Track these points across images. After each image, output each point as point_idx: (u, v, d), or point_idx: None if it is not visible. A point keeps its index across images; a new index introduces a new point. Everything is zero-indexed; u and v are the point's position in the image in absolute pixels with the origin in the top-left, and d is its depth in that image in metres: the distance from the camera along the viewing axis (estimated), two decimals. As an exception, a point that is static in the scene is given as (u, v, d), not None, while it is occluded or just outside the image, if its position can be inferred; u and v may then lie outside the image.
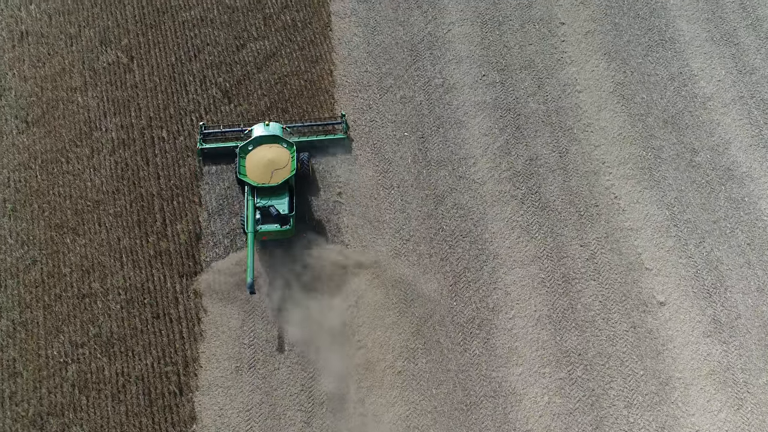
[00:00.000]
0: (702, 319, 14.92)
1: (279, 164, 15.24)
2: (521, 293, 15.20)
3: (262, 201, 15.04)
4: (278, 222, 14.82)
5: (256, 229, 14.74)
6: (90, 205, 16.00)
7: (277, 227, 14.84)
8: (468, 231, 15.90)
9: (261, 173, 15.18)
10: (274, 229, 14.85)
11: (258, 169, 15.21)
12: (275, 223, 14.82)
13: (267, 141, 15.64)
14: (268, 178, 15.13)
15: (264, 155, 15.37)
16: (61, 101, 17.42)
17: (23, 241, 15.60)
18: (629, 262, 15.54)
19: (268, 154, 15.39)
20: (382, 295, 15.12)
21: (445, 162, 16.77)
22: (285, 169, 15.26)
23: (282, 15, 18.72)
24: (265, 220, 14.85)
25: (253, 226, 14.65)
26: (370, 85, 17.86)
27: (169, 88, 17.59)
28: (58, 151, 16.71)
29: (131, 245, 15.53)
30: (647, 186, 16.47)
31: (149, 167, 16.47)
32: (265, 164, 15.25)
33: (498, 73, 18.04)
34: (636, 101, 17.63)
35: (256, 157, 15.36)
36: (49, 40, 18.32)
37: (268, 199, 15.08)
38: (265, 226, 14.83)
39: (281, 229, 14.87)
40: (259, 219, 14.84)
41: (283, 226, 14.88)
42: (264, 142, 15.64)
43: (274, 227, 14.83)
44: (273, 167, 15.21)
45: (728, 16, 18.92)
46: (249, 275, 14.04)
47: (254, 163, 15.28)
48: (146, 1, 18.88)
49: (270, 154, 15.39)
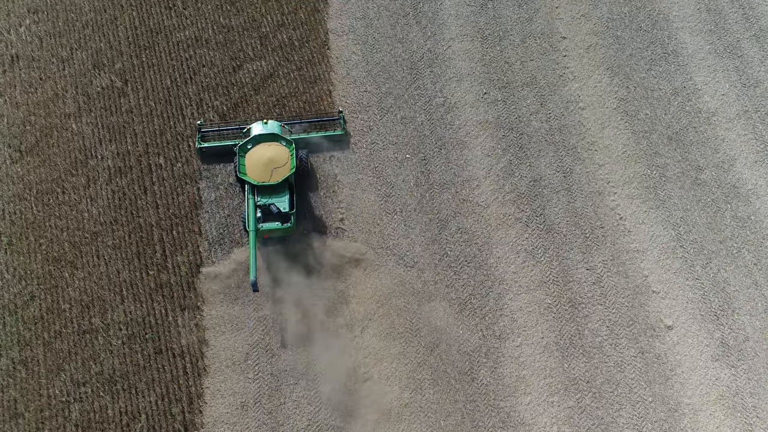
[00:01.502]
0: (710, 343, 14.81)
1: (278, 162, 15.30)
2: (528, 320, 15.04)
3: (263, 199, 15.13)
4: (279, 220, 14.95)
5: (258, 228, 14.83)
6: (88, 237, 15.70)
7: (278, 225, 14.97)
8: (473, 256, 15.70)
9: (261, 172, 15.23)
10: (275, 227, 14.98)
11: (258, 168, 15.26)
12: (276, 221, 14.95)
13: (266, 139, 15.69)
14: (268, 177, 15.19)
15: (263, 153, 15.42)
16: (55, 128, 17.06)
17: (21, 276, 15.31)
18: (636, 286, 15.40)
19: (267, 152, 15.43)
20: (387, 324, 14.95)
21: (448, 184, 16.53)
22: (285, 167, 15.33)
23: (278, 34, 18.35)
24: (266, 218, 14.98)
25: (254, 224, 14.77)
26: (370, 105, 17.55)
27: (165, 112, 17.24)
28: (54, 180, 16.38)
29: (131, 278, 15.26)
30: (653, 206, 16.29)
31: (147, 196, 16.17)
32: (265, 163, 15.30)
33: (500, 91, 17.77)
34: (640, 117, 17.40)
35: (256, 156, 15.40)
36: (40, 64, 17.91)
37: (268, 197, 15.18)
38: (266, 225, 14.95)
39: (282, 227, 15.02)
40: (260, 217, 14.94)
41: (284, 224, 15.02)
42: (263, 140, 15.67)
43: (275, 225, 14.97)
44: (273, 165, 15.28)
45: (731, 27, 18.67)
46: (252, 273, 14.15)
47: (254, 162, 15.34)
48: (139, 22, 18.47)
49: (269, 152, 15.43)
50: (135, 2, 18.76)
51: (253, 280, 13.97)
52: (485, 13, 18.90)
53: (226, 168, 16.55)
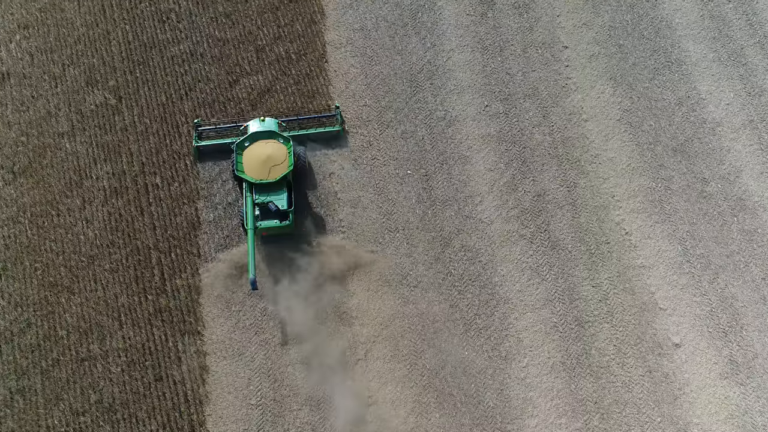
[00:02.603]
0: (718, 361, 14.62)
1: (276, 160, 15.25)
2: (534, 339, 14.82)
3: (261, 197, 15.05)
4: (278, 218, 14.90)
5: (256, 226, 14.79)
6: (84, 261, 15.39)
7: (277, 223, 14.91)
8: (477, 275, 15.46)
9: (259, 169, 15.17)
10: (274, 225, 14.93)
11: (256, 166, 15.20)
12: (275, 219, 14.89)
13: (263, 137, 15.60)
14: (266, 174, 15.12)
15: (261, 151, 15.34)
16: (49, 148, 16.70)
17: (16, 303, 15.00)
18: (643, 302, 15.18)
19: (265, 150, 15.36)
20: (391, 347, 14.71)
21: (451, 201, 16.26)
22: (283, 165, 15.24)
23: (275, 47, 17.99)
24: (264, 216, 14.92)
25: (252, 222, 14.73)
26: (370, 120, 17.24)
27: (161, 130, 16.90)
28: (48, 203, 16.04)
29: (129, 303, 14.97)
30: (658, 220, 16.06)
31: (144, 217, 15.86)
32: (263, 160, 15.22)
33: (501, 103, 17.47)
34: (644, 129, 17.13)
35: (253, 154, 15.33)
36: (32, 82, 17.52)
37: (266, 195, 15.10)
38: (264, 222, 14.89)
39: (281, 225, 14.95)
40: (258, 215, 14.89)
41: (283, 222, 14.95)
42: (260, 137, 15.58)
43: (274, 223, 14.90)
44: (271, 163, 15.23)
45: (735, 35, 18.38)
46: (251, 272, 14.07)
47: (251, 160, 15.27)
48: (132, 36, 18.08)
49: (267, 150, 15.36)
50: (128, 16, 18.37)
51: (252, 278, 14.02)
52: (485, 23, 18.58)
53: (225, 187, 16.24)
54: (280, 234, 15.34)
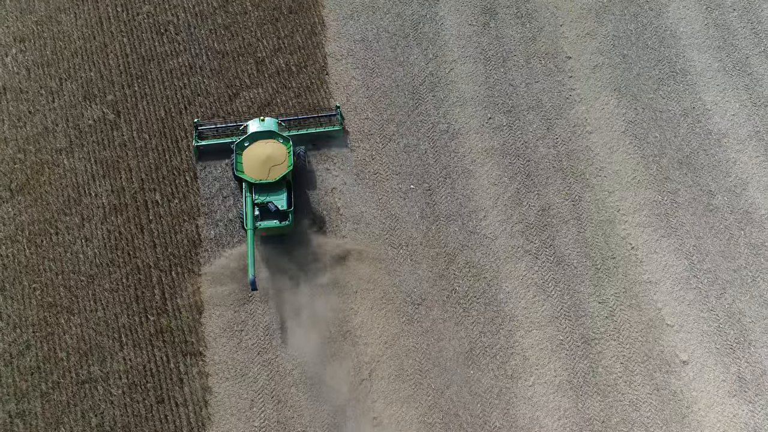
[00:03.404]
0: (726, 378, 14.47)
1: (276, 160, 15.22)
2: (540, 357, 14.65)
3: (261, 197, 15.02)
4: (277, 218, 14.87)
5: (255, 226, 14.77)
6: (84, 281, 15.17)
7: (277, 223, 14.90)
8: (482, 291, 15.27)
9: (258, 169, 15.15)
10: (274, 225, 14.91)
11: (255, 166, 15.17)
12: (274, 219, 14.88)
13: (263, 137, 15.57)
14: (266, 175, 15.09)
15: (261, 151, 15.31)
16: (46, 165, 16.46)
17: (15, 324, 14.78)
18: (649, 319, 15.01)
19: (265, 150, 15.33)
20: (395, 366, 14.53)
21: (455, 216, 16.06)
22: (282, 165, 15.22)
23: (275, 59, 17.74)
24: (264, 216, 14.90)
25: (252, 222, 14.71)
26: (372, 133, 17.02)
27: (160, 145, 16.66)
28: (46, 221, 15.80)
29: (130, 323, 14.76)
30: (664, 234, 15.88)
31: (144, 235, 15.63)
32: (263, 160, 15.18)
33: (505, 116, 17.26)
34: (649, 141, 16.94)
35: (253, 154, 15.30)
36: (29, 96, 17.26)
37: (266, 195, 15.07)
38: (264, 223, 14.87)
39: (280, 225, 14.93)
40: (257, 215, 14.86)
41: (282, 222, 14.92)
42: (260, 137, 15.55)
43: (274, 223, 14.88)
44: (270, 163, 15.20)
45: (739, 43, 18.19)
46: (250, 272, 14.06)
47: (251, 160, 15.25)
48: (130, 49, 17.82)
49: (267, 150, 15.33)
50: (125, 28, 18.11)
51: (252, 278, 13.99)
52: (488, 33, 18.35)
53: (226, 203, 16.02)
54: (280, 234, 15.37)
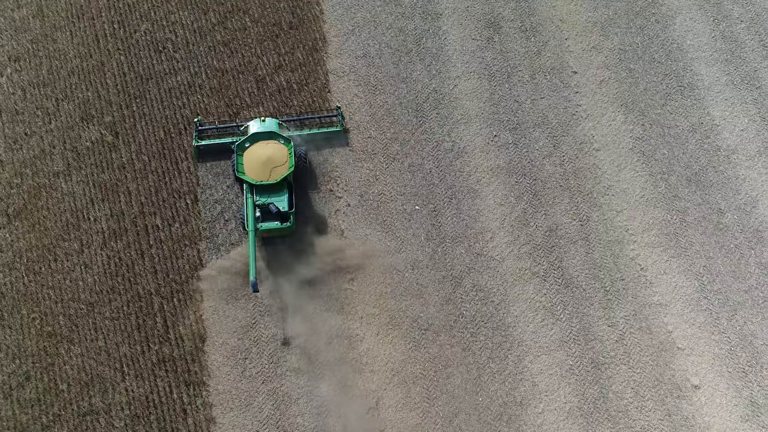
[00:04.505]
0: (739, 402, 14.25)
1: (277, 161, 15.15)
2: (549, 383, 14.41)
3: (262, 198, 14.95)
4: (279, 219, 14.83)
5: (257, 227, 14.69)
6: (84, 309, 14.87)
7: (278, 225, 14.84)
8: (489, 315, 15.01)
9: (259, 171, 15.07)
10: (275, 227, 14.84)
11: (256, 167, 15.08)
12: (275, 221, 14.83)
13: (263, 137, 15.45)
14: (267, 176, 15.02)
15: (262, 152, 15.22)
16: (44, 188, 16.12)
17: (14, 355, 14.48)
18: (660, 342, 14.77)
19: (266, 151, 15.24)
20: (403, 394, 14.27)
21: (461, 238, 15.78)
22: (283, 166, 15.15)
23: (276, 77, 17.41)
24: (265, 217, 14.84)
25: (253, 224, 14.63)
26: (376, 153, 16.72)
27: (160, 167, 16.34)
28: (45, 247, 15.48)
29: (132, 353, 14.47)
30: (674, 254, 15.63)
31: (144, 261, 15.33)
32: (264, 162, 15.09)
33: (510, 133, 16.97)
34: (657, 158, 16.67)
35: (254, 155, 15.21)
36: (24, 118, 16.90)
37: (267, 196, 15.01)
38: (265, 224, 14.81)
39: (282, 226, 14.86)
40: (259, 217, 14.79)
41: (284, 224, 14.87)
42: (261, 138, 15.44)
43: (275, 225, 14.83)
44: (271, 165, 15.11)
45: (747, 56, 17.90)
46: (251, 274, 13.97)
47: (252, 161, 15.15)
48: (127, 67, 17.46)
49: (268, 151, 15.24)
50: (122, 46, 17.76)
51: (253, 280, 13.91)
52: (492, 48, 18.03)
53: (227, 227, 15.72)
54: (281, 235, 15.28)
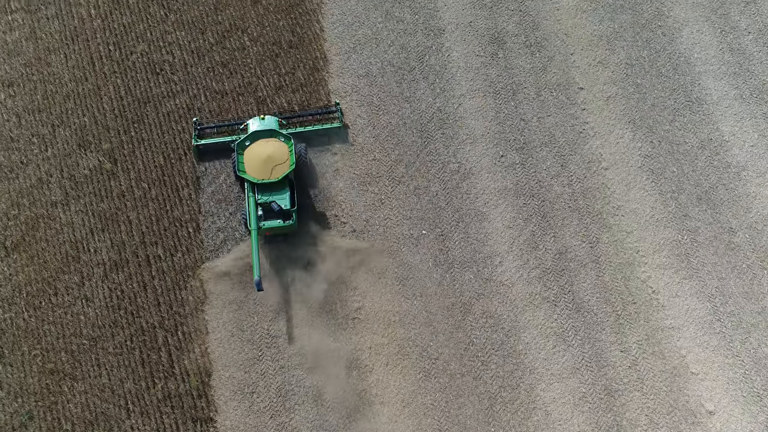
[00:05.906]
0: (754, 428, 14.05)
1: (278, 159, 15.04)
2: (562, 412, 14.19)
3: (263, 197, 14.85)
4: (281, 217, 14.75)
5: (259, 226, 14.59)
6: (86, 344, 14.55)
7: (280, 223, 14.75)
8: (500, 343, 14.77)
9: (260, 169, 14.97)
10: (277, 225, 14.74)
11: (257, 165, 14.97)
12: (278, 219, 14.75)
13: (263, 135, 15.36)
14: (268, 174, 14.91)
15: (262, 150, 15.11)
16: (42, 219, 15.75)
17: (16, 393, 14.17)
18: (673, 367, 14.56)
19: (266, 149, 15.14)
20: (413, 426, 14.02)
21: (469, 263, 15.50)
22: (285, 164, 15.03)
23: (276, 97, 17.02)
24: (267, 216, 14.76)
25: (255, 223, 14.53)
26: (380, 175, 16.40)
27: (160, 195, 15.98)
28: (44, 280, 15.13)
29: (136, 389, 14.18)
30: (686, 276, 15.39)
31: (147, 293, 15.00)
32: (264, 160, 14.98)
33: (517, 153, 16.66)
34: (666, 176, 16.40)
35: (255, 153, 15.11)
36: (20, 146, 16.50)
37: (269, 195, 14.92)
38: (267, 222, 14.72)
39: (284, 224, 14.78)
40: (261, 215, 14.70)
41: (286, 222, 14.77)
42: (261, 136, 15.36)
43: (277, 223, 14.74)
44: (272, 163, 15.00)
45: (756, 69, 17.60)
46: (255, 273, 13.89)
47: (253, 159, 15.04)
48: (125, 91, 17.05)
49: (268, 149, 15.14)
50: (119, 68, 17.33)
51: (257, 279, 13.82)
52: (496, 64, 17.69)
53: (231, 257, 15.40)
54: (284, 234, 15.18)
